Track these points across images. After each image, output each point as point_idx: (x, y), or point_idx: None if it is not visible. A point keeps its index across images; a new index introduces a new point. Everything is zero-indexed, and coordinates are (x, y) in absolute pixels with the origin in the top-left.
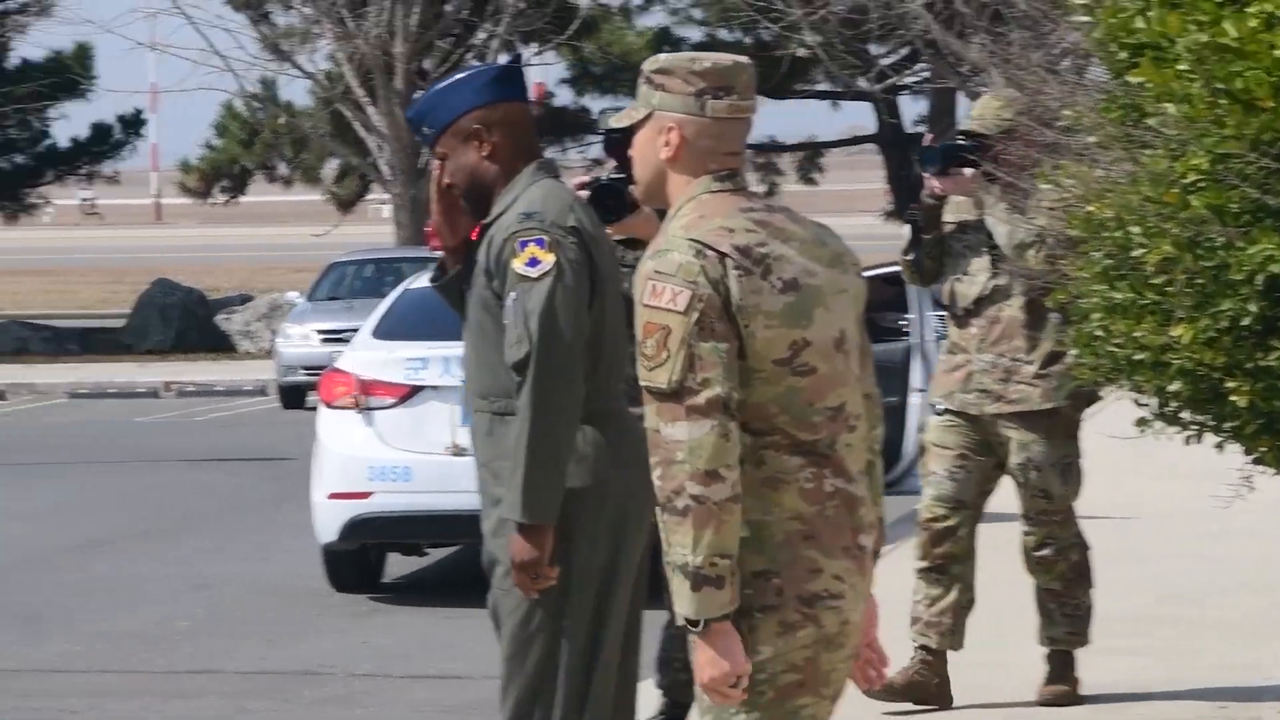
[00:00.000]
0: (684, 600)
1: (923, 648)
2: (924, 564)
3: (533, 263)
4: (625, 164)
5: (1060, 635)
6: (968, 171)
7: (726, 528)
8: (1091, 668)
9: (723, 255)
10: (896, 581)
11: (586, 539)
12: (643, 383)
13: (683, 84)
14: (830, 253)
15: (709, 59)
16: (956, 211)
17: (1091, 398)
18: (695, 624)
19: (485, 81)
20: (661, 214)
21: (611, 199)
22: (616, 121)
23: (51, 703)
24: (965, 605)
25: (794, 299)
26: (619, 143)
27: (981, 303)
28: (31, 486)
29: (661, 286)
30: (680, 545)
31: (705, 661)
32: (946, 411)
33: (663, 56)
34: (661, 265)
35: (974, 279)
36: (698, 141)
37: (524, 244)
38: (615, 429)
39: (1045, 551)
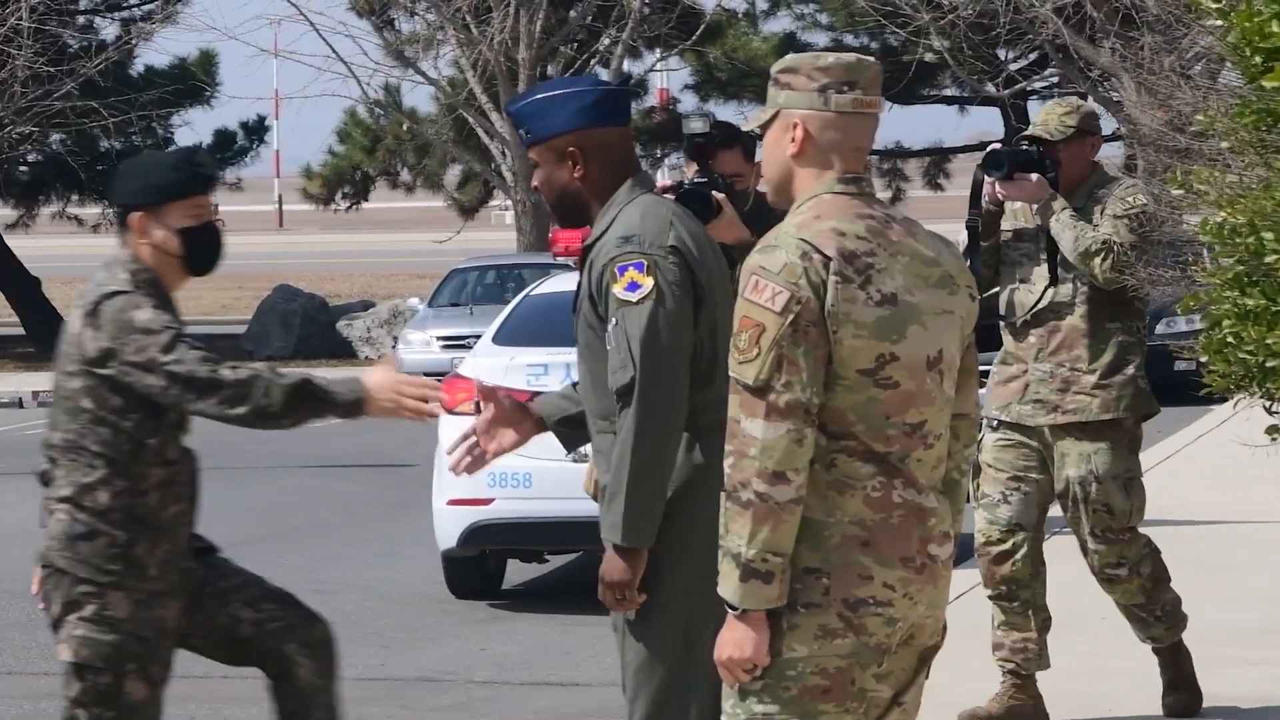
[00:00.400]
0: (729, 586)
1: (1011, 673)
2: (992, 591)
3: (632, 287)
4: (707, 169)
5: (1159, 633)
6: (1033, 177)
7: (784, 527)
8: (1221, 679)
9: (828, 259)
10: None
11: (708, 544)
12: (731, 373)
13: (807, 80)
14: (941, 273)
15: (833, 56)
16: (1013, 220)
17: (1149, 411)
18: (734, 607)
19: (587, 104)
20: (745, 217)
21: (696, 204)
22: (746, 126)
23: (171, 708)
24: (1043, 627)
25: (888, 313)
26: (702, 148)
27: (1041, 313)
28: None
29: (764, 283)
30: (737, 534)
31: (730, 641)
32: (1002, 425)
33: (789, 57)
34: (767, 262)
35: (1033, 288)
36: (823, 135)
37: (623, 269)
38: None
39: (1120, 570)
